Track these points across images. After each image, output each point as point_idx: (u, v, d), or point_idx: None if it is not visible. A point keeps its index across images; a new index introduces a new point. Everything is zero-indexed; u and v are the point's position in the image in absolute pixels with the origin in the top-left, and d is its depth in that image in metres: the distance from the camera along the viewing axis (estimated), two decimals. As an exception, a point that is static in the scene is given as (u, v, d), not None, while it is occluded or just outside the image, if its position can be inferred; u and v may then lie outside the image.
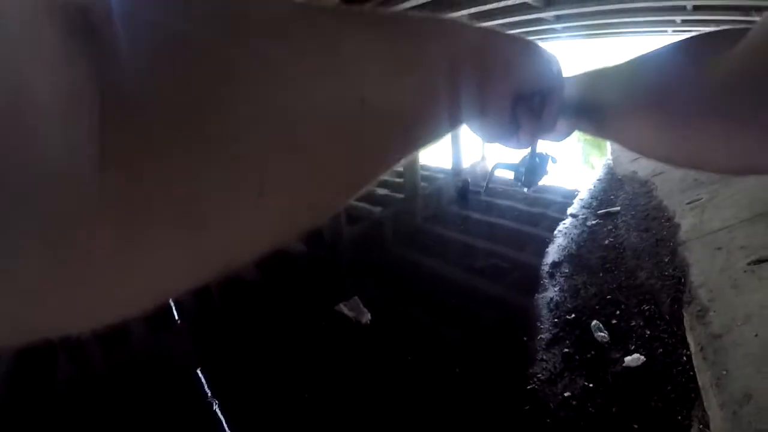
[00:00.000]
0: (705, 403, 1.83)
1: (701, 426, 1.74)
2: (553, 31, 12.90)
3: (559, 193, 5.37)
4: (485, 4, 9.12)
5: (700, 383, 1.95)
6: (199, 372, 1.96)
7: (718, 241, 3.05)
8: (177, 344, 2.25)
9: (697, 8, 8.43)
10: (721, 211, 3.45)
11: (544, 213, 4.66)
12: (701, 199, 3.86)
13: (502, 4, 8.98)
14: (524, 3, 9.10)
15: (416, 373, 2.01)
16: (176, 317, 2.48)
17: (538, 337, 2.41)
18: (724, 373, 1.94)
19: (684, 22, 9.96)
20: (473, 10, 9.84)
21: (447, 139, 13.05)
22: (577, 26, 11.86)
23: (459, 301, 2.73)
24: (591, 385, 2.02)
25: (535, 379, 2.05)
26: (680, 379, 2.02)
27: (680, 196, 4.22)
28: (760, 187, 3.31)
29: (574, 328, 2.46)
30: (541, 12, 9.80)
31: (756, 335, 2.04)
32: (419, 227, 4.33)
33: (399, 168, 5.91)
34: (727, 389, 1.84)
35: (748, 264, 2.58)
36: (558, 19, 10.70)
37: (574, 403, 1.89)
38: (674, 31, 11.70)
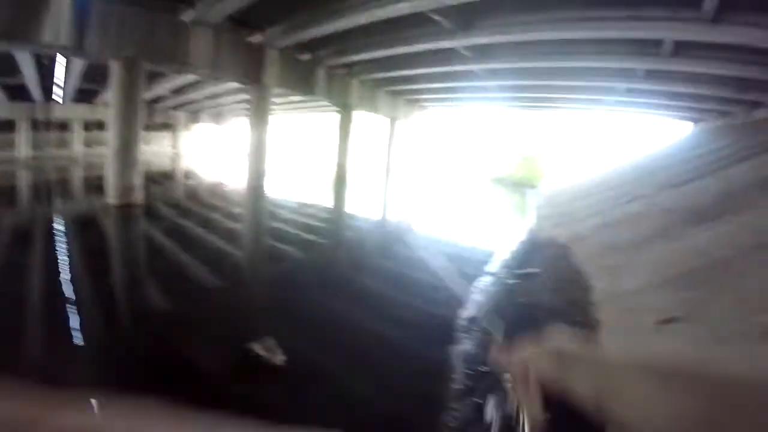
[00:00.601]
0: None
1: None
2: (492, 98, 15.84)
3: (480, 251, 6.62)
4: (438, 66, 11.11)
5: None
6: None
7: (628, 303, 3.72)
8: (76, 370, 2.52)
9: (630, 90, 11.53)
10: (632, 276, 4.26)
11: (464, 270, 5.50)
12: (614, 264, 4.74)
13: (449, 69, 11.11)
14: (470, 71, 11.43)
15: (331, 418, 2.31)
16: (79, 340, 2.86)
17: (451, 387, 2.76)
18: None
19: (617, 102, 13.32)
20: (433, 69, 11.85)
21: (377, 191, 13.92)
22: (514, 97, 14.86)
23: (373, 350, 3.18)
24: None
25: (447, 428, 2.35)
26: (581, 428, 2.21)
27: (596, 261, 5.13)
28: (667, 256, 4.26)
29: (485, 379, 2.79)
30: (484, 80, 12.20)
31: (662, 395, 2.44)
32: (340, 275, 5.06)
33: (326, 215, 7.32)
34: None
35: (655, 324, 3.17)
36: (500, 88, 13.30)
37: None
38: (606, 109, 15.43)
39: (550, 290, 4.82)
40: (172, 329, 3.17)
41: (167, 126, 26.81)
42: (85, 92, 18.25)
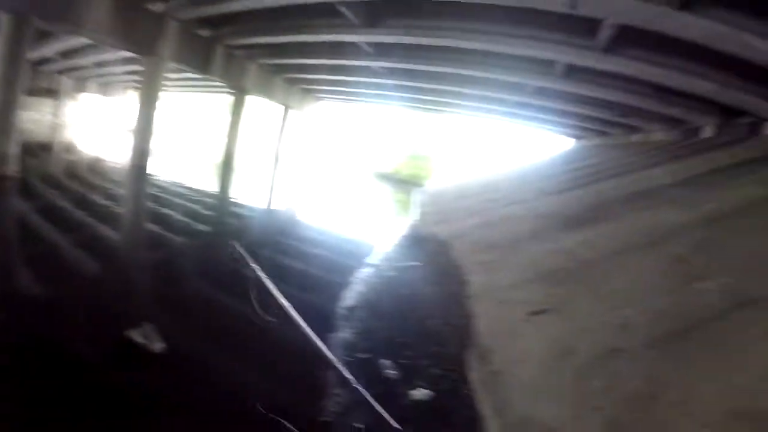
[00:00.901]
0: (488, 427, 2.37)
1: None
2: (388, 96, 16.90)
3: (363, 245, 7.19)
4: (339, 59, 11.55)
5: (482, 413, 2.51)
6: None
7: (502, 296, 4.13)
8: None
9: (519, 104, 13.12)
10: (507, 272, 4.76)
11: (346, 262, 5.87)
12: (491, 260, 5.26)
13: (350, 62, 11.63)
14: (369, 67, 12.02)
15: (211, 407, 2.44)
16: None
17: (334, 374, 2.95)
18: (504, 403, 2.51)
19: (506, 112, 15.04)
20: (332, 61, 12.07)
21: (266, 179, 14.52)
22: (410, 97, 16.01)
23: (253, 337, 3.43)
24: (383, 416, 2.50)
25: (329, 413, 2.55)
26: (465, 411, 2.60)
27: (472, 257, 5.61)
28: (540, 256, 4.86)
29: (366, 366, 3.05)
30: (381, 78, 13.01)
31: (530, 371, 2.77)
32: (221, 262, 5.26)
33: (211, 201, 7.25)
34: (507, 416, 2.37)
35: (526, 315, 3.58)
36: (397, 87, 14.37)
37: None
38: (495, 118, 17.41)
39: (429, 283, 5.18)
40: (46, 316, 3.14)
41: (51, 92, 24.23)
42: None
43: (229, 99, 16.12)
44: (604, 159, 9.91)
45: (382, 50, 10.31)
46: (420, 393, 2.76)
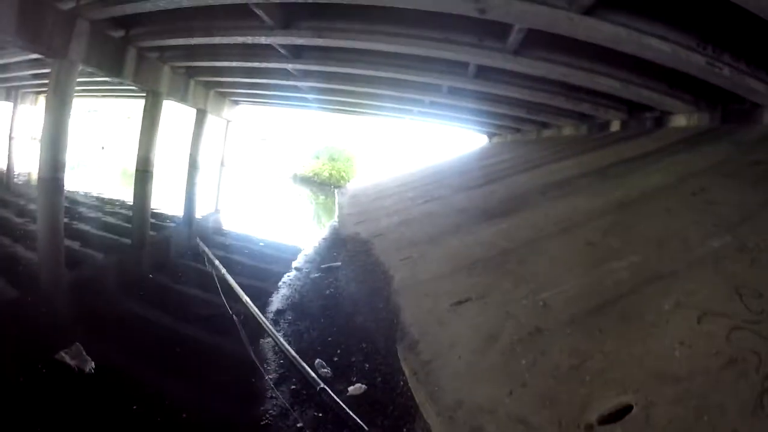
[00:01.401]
0: (425, 415, 2.39)
1: (424, 431, 2.31)
2: (305, 99, 16.95)
3: (286, 249, 7.30)
4: (254, 61, 11.56)
5: (417, 401, 2.54)
6: None
7: (426, 289, 4.23)
8: None
9: (433, 103, 13.62)
10: (429, 266, 4.88)
11: (269, 267, 5.94)
12: (413, 256, 5.37)
13: (265, 65, 11.57)
14: (285, 69, 11.98)
15: (144, 420, 2.43)
16: None
17: (267, 378, 2.98)
18: (437, 389, 2.55)
19: (420, 112, 15.60)
20: (247, 64, 11.90)
21: (185, 186, 14.00)
22: (326, 100, 16.20)
23: (182, 349, 3.40)
24: (320, 414, 2.57)
25: (267, 415, 2.55)
26: (400, 400, 2.67)
27: (395, 254, 5.69)
28: (461, 249, 5.05)
29: (299, 367, 3.05)
30: (297, 80, 13.06)
31: (459, 357, 2.85)
32: (144, 276, 5.24)
33: (128, 213, 7.02)
34: (441, 401, 2.41)
35: (451, 305, 3.70)
36: (312, 90, 14.49)
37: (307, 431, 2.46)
38: (411, 118, 17.98)
39: (353, 282, 5.20)
40: None
41: None
42: None
43: (142, 104, 15.44)
44: (518, 154, 10.57)
45: (296, 52, 10.39)
46: (355, 388, 2.80)
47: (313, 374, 2.93)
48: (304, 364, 3.03)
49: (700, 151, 4.95)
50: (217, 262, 5.32)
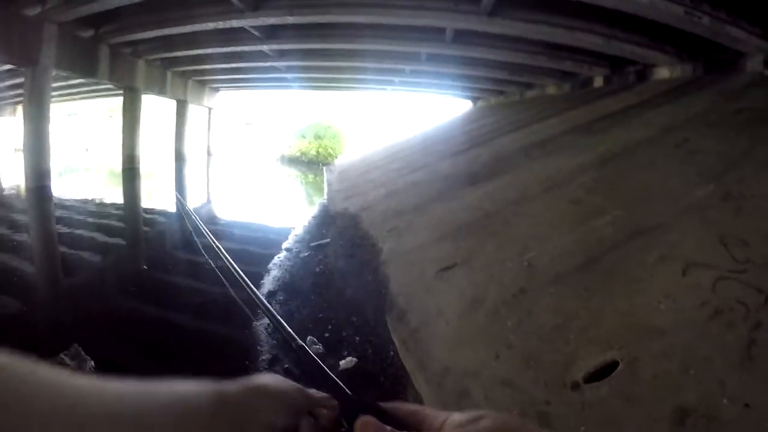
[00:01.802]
0: (415, 383, 2.36)
1: (414, 399, 2.27)
2: (284, 80, 16.49)
3: (276, 231, 7.31)
4: (228, 46, 11.10)
5: (407, 369, 2.53)
6: None
7: (413, 258, 4.16)
8: None
9: (414, 72, 13.30)
10: (415, 235, 4.79)
11: (260, 251, 5.93)
12: (399, 226, 5.28)
13: (239, 48, 11.14)
14: (260, 51, 11.54)
15: None
16: None
17: (260, 359, 3.02)
18: (426, 357, 2.49)
19: (402, 81, 15.29)
20: (223, 49, 11.44)
21: (172, 179, 13.73)
22: (305, 78, 15.79)
23: (181, 339, 3.45)
24: (313, 390, 2.28)
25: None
26: (390, 370, 2.67)
27: (382, 226, 5.60)
28: (446, 215, 4.96)
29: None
30: (274, 61, 12.62)
31: (446, 323, 2.79)
32: (138, 272, 5.35)
33: (119, 213, 7.13)
34: (430, 368, 2.35)
35: (437, 272, 3.62)
36: (290, 69, 14.07)
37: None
38: (393, 88, 17.65)
39: (342, 257, 5.12)
40: None
41: None
42: None
43: (120, 101, 15.14)
44: (502, 116, 10.40)
45: (270, 33, 10.13)
46: (346, 361, 2.79)
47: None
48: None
49: (683, 102, 4.83)
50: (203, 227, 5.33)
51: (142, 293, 4.54)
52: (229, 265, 4.58)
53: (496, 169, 5.49)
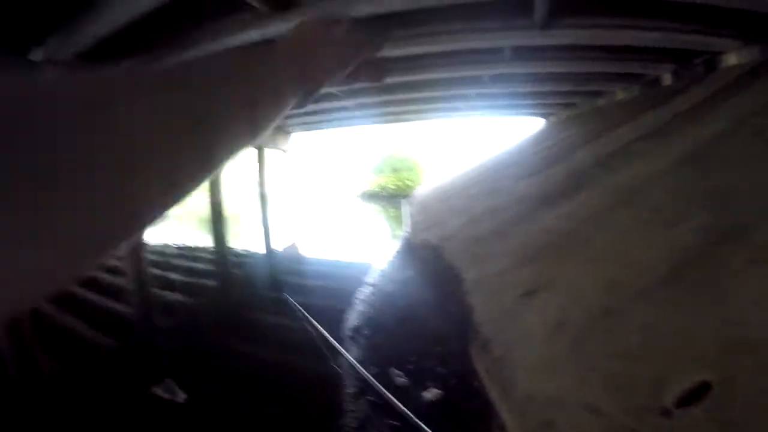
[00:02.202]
0: (499, 412, 2.35)
1: (498, 429, 2.29)
2: (355, 117, 17.23)
3: (360, 266, 7.53)
4: None
5: (492, 398, 2.50)
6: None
7: (495, 285, 4.10)
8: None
9: (480, 95, 13.30)
10: (497, 261, 4.73)
11: (345, 287, 6.14)
12: (481, 254, 5.24)
13: None
14: (329, 93, 12.22)
15: None
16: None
17: (345, 393, 3.12)
18: (509, 385, 2.46)
19: (469, 107, 15.30)
20: None
21: (258, 224, 14.97)
22: (375, 113, 16.35)
23: (268, 373, 3.64)
24: (397, 422, 2.63)
25: (347, 428, 2.68)
26: (475, 400, 2.64)
27: (463, 254, 5.59)
28: (525, 238, 4.85)
29: (377, 378, 3.14)
30: (343, 100, 13.26)
31: (530, 350, 2.73)
32: (233, 313, 5.66)
33: (209, 255, 7.65)
34: (514, 396, 2.32)
35: (519, 297, 3.55)
36: (360, 106, 14.69)
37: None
38: (462, 114, 17.65)
39: (426, 289, 5.19)
40: (66, 391, 3.37)
41: None
42: None
43: None
44: (573, 131, 9.99)
45: None
46: (430, 393, 2.85)
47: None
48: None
49: (755, 87, 4.36)
50: (304, 313, 5.40)
51: (231, 331, 4.82)
52: (306, 317, 4.77)
53: (572, 187, 5.29)
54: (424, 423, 2.51)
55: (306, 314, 3.46)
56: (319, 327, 3.85)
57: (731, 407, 1.49)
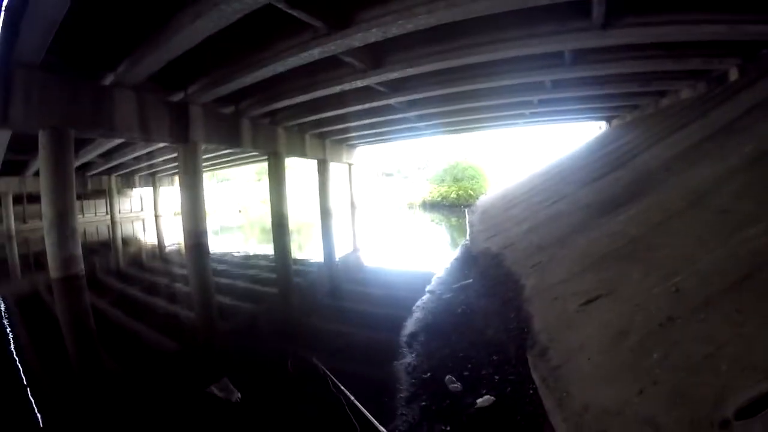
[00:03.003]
0: (552, 422, 2.27)
1: None
2: (416, 128, 17.30)
3: (420, 275, 7.31)
4: (357, 104, 12.00)
5: (546, 408, 2.42)
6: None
7: (556, 292, 3.98)
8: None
9: (542, 101, 12.92)
10: (558, 269, 4.58)
11: (404, 294, 6.05)
12: (542, 261, 5.09)
13: (367, 105, 12.24)
14: (388, 105, 12.50)
15: None
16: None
17: (399, 396, 3.06)
18: (565, 395, 2.39)
19: (532, 114, 14.87)
20: (353, 108, 12.61)
21: (317, 233, 15.54)
22: (436, 124, 16.32)
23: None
24: (448, 427, 2.56)
25: (398, 431, 2.62)
26: (528, 408, 2.58)
27: (524, 262, 5.46)
28: (588, 245, 4.66)
29: (430, 384, 3.12)
30: (404, 112, 13.46)
31: (588, 359, 2.63)
32: (292, 320, 5.63)
33: (271, 264, 8.48)
34: (569, 407, 2.25)
35: (579, 305, 3.43)
36: (420, 118, 14.76)
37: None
38: (525, 122, 17.18)
39: (484, 296, 5.12)
40: (132, 395, 3.49)
41: (100, 192, 27.78)
42: (13, 164, 18.22)
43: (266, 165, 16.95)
44: (639, 132, 9.40)
45: (395, 86, 10.66)
46: (483, 400, 2.76)
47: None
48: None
49: None
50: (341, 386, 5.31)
51: (289, 336, 4.92)
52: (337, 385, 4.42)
53: (637, 191, 5.01)
54: (476, 429, 2.49)
55: (336, 381, 3.36)
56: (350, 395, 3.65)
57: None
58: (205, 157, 13.19)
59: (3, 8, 6.28)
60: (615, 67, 8.39)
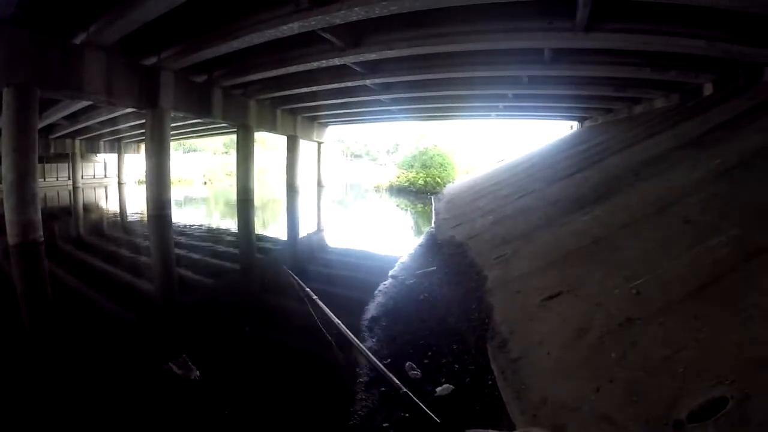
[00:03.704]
0: (510, 413, 2.32)
1: (508, 430, 2.23)
2: (390, 112, 17.21)
3: (384, 259, 7.34)
4: (332, 83, 11.93)
5: (504, 399, 2.47)
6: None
7: (518, 286, 4.07)
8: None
9: (517, 96, 13.10)
10: (522, 262, 4.68)
11: (367, 278, 6.05)
12: (506, 254, 5.19)
13: (343, 85, 11.98)
14: (363, 85, 12.31)
15: (247, 418, 2.67)
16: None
17: (357, 381, 3.06)
18: (524, 387, 2.44)
19: (506, 107, 15.09)
20: (328, 87, 12.47)
21: (282, 210, 15.30)
22: (410, 109, 16.30)
23: (280, 356, 3.65)
24: (407, 414, 2.58)
25: (356, 416, 2.63)
26: (487, 399, 2.62)
27: (488, 254, 5.55)
28: (553, 242, 4.78)
29: (389, 370, 3.09)
30: (379, 94, 13.32)
31: (547, 353, 2.70)
32: (252, 296, 5.72)
33: (234, 239, 8.13)
34: (527, 399, 2.31)
35: (541, 300, 3.51)
36: (394, 101, 14.67)
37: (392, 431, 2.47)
38: (497, 115, 17.45)
39: (447, 285, 5.17)
40: (84, 366, 3.40)
41: (63, 156, 26.40)
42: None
43: (234, 137, 16.62)
44: (610, 135, 9.71)
45: (372, 67, 10.58)
46: (442, 388, 2.78)
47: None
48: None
49: None
50: (307, 290, 5.34)
51: (249, 313, 4.87)
52: (320, 309, 4.60)
53: (605, 192, 5.17)
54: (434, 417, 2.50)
55: (302, 284, 3.38)
56: (319, 302, 3.76)
57: (744, 425, 1.46)
58: (173, 125, 12.68)
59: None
60: (594, 69, 8.57)
